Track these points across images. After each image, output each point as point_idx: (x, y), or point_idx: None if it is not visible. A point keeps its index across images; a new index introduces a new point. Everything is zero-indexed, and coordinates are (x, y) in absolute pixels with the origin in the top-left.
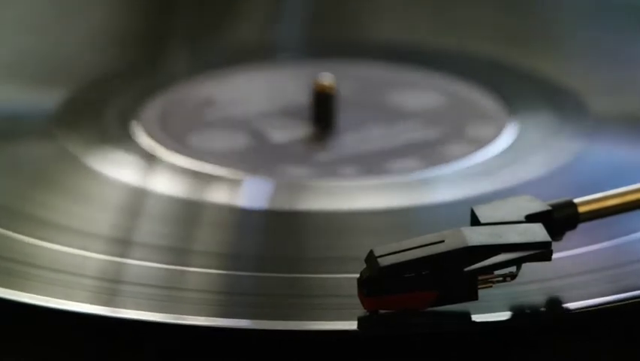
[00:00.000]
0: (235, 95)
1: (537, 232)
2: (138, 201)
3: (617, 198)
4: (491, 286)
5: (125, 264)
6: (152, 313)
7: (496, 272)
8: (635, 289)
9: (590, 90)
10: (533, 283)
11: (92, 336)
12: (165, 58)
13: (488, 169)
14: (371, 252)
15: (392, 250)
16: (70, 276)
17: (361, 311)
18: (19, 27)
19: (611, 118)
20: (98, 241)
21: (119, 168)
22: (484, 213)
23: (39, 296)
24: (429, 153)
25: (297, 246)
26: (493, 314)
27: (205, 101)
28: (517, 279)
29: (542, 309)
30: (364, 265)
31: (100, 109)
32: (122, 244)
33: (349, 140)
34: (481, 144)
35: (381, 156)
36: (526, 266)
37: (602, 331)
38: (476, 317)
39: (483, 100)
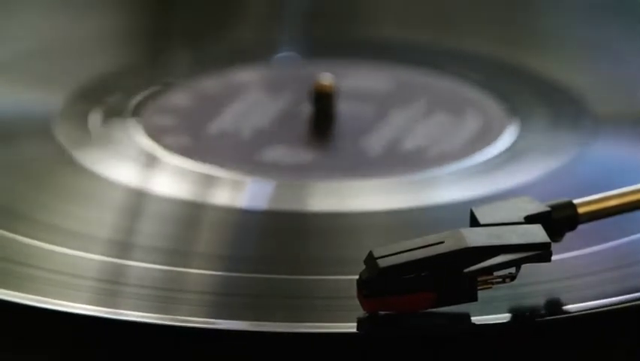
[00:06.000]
0: (235, 95)
1: (536, 233)
2: (138, 202)
3: (617, 199)
4: (491, 288)
5: (125, 265)
6: (153, 315)
7: (496, 273)
8: (635, 291)
9: (590, 90)
10: (533, 285)
11: (91, 337)
12: (165, 58)
13: (488, 169)
14: (370, 253)
15: (391, 251)
16: (70, 277)
17: (361, 312)
18: (19, 27)
19: (611, 118)
20: (97, 242)
21: (119, 169)
22: (483, 214)
23: (38, 297)
24: (429, 153)
25: (297, 247)
26: (492, 316)
27: (205, 101)
28: (517, 280)
29: (542, 311)
30: (364, 267)
31: (100, 109)
32: (122, 245)
33: (349, 140)
34: (480, 144)
35: (380, 156)
36: (526, 267)
37: (602, 333)
38: (475, 319)
39: (483, 100)
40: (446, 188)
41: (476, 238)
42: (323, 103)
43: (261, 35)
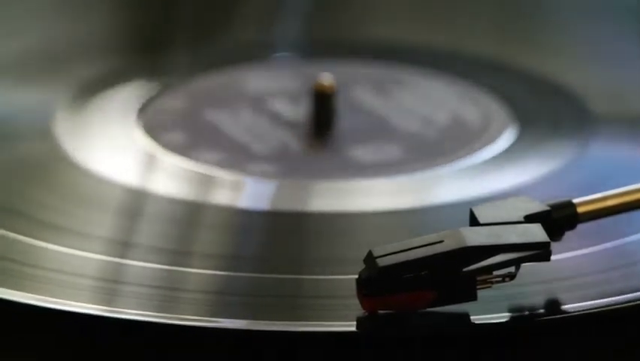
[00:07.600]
0: (234, 95)
1: (536, 233)
2: (137, 201)
3: (617, 199)
4: (490, 287)
5: (125, 265)
6: (152, 313)
7: (495, 273)
8: (634, 291)
9: (590, 90)
10: (532, 284)
11: (91, 336)
12: (165, 58)
13: (488, 170)
14: (370, 252)
15: (391, 250)
16: (70, 276)
17: (360, 312)
18: (19, 26)
19: (611, 118)
20: (97, 242)
21: (119, 169)
22: (483, 214)
23: (39, 296)
24: (428, 153)
25: (297, 247)
26: (491, 315)
27: (205, 101)
28: (516, 280)
29: (541, 310)
30: (363, 266)
31: (100, 109)
32: (123, 244)
33: (349, 140)
34: (480, 144)
35: (380, 156)
36: (525, 267)
37: (602, 332)
38: (475, 318)
39: (482, 100)
40: (446, 188)
41: (476, 237)
42: (323, 103)
43: (261, 35)
